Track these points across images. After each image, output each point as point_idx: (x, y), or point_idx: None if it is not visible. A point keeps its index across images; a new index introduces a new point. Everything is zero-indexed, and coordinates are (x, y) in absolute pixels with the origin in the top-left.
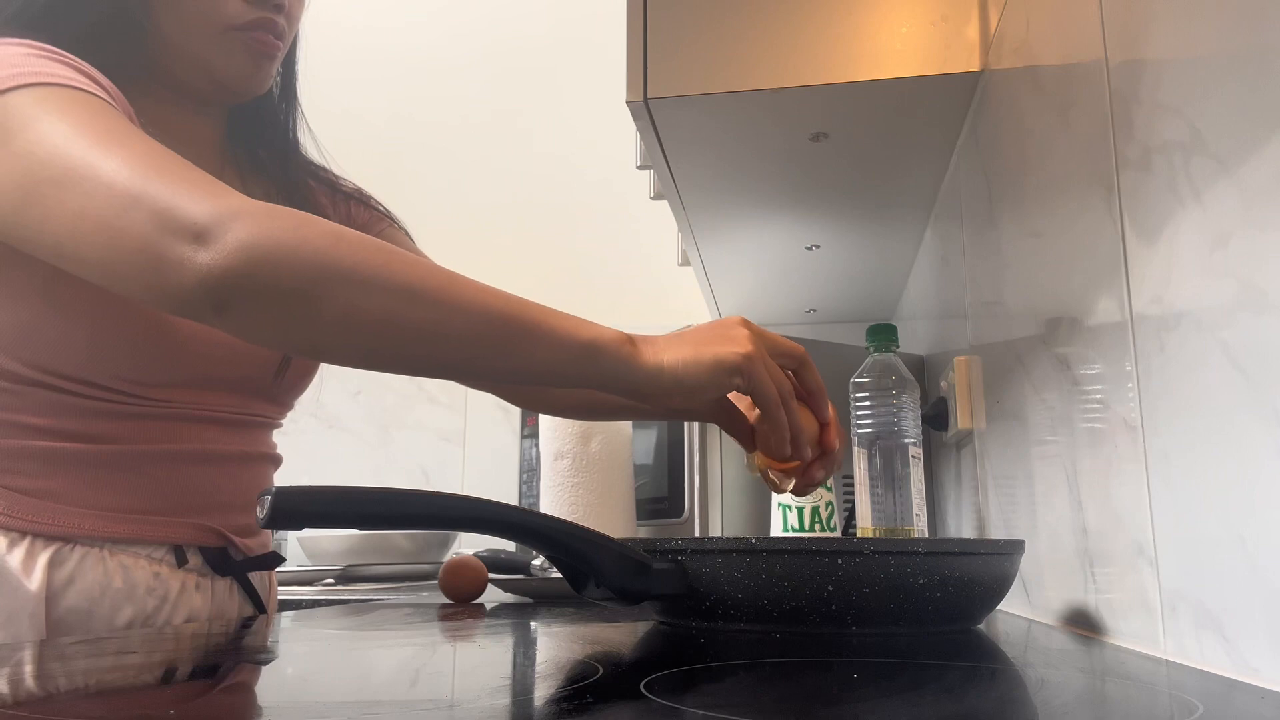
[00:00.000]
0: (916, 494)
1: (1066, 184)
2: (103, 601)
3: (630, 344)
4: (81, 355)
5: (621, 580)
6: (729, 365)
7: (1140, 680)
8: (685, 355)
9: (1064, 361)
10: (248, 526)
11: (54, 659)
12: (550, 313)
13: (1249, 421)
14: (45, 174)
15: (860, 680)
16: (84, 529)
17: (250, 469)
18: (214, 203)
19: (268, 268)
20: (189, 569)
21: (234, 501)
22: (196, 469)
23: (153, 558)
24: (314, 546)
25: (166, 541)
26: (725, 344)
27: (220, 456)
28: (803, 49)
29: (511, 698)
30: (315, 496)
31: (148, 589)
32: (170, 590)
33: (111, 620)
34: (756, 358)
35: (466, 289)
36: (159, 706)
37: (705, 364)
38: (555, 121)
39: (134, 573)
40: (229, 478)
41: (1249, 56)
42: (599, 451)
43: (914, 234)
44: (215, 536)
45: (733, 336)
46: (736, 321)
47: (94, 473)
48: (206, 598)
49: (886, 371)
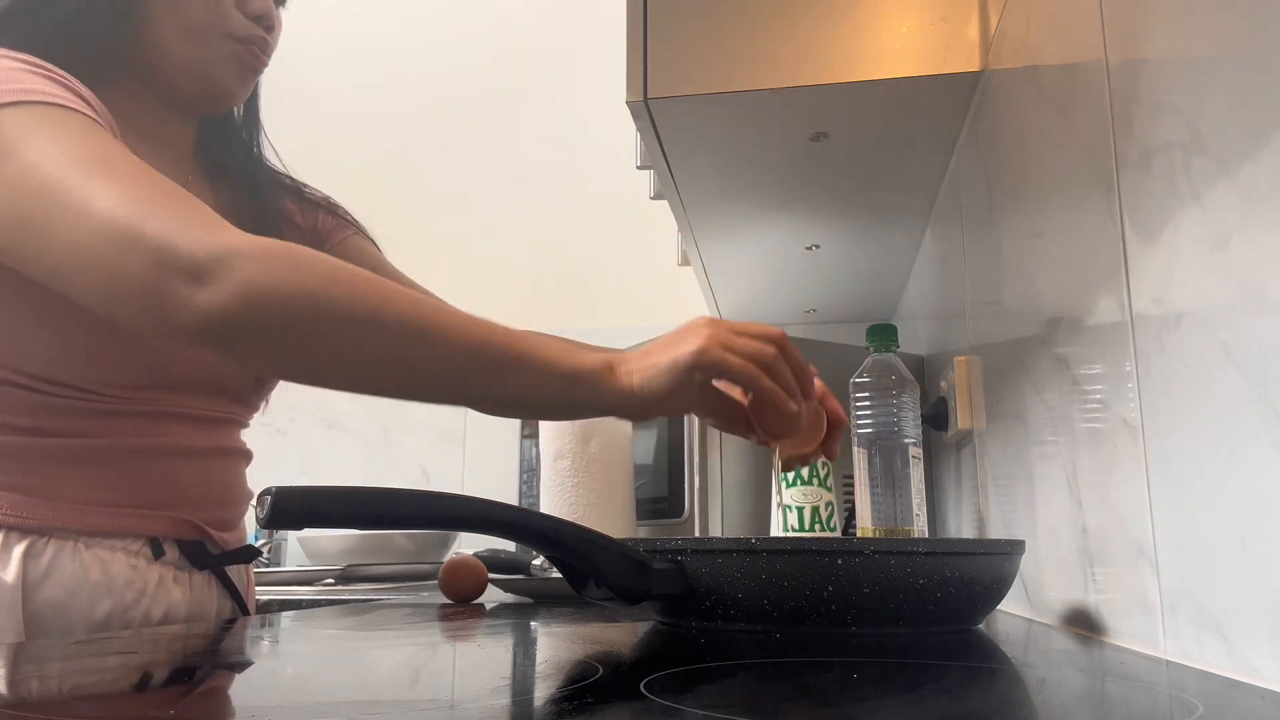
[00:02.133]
0: (916, 494)
1: (1066, 184)
2: (80, 594)
3: (608, 371)
4: (55, 358)
5: (621, 580)
6: (684, 364)
7: (1140, 680)
8: (646, 368)
9: (1064, 361)
10: (223, 520)
11: (49, 659)
12: (534, 343)
13: (1249, 421)
14: (40, 205)
15: (860, 680)
16: (60, 522)
17: (223, 464)
18: (212, 241)
19: (267, 310)
20: (166, 562)
21: (208, 496)
22: (172, 463)
23: (129, 550)
24: (314, 546)
25: (143, 534)
26: (680, 345)
27: (194, 451)
28: (803, 49)
29: (511, 698)
30: (315, 496)
31: (126, 581)
32: (148, 583)
33: (90, 613)
34: (711, 347)
35: (455, 322)
36: (159, 706)
37: (663, 370)
38: (555, 122)
39: (111, 565)
40: (203, 472)
41: (1249, 56)
42: (599, 451)
43: (914, 234)
44: (192, 529)
45: (687, 338)
46: (702, 322)
47: (70, 467)
48: (185, 591)
49: (886, 371)
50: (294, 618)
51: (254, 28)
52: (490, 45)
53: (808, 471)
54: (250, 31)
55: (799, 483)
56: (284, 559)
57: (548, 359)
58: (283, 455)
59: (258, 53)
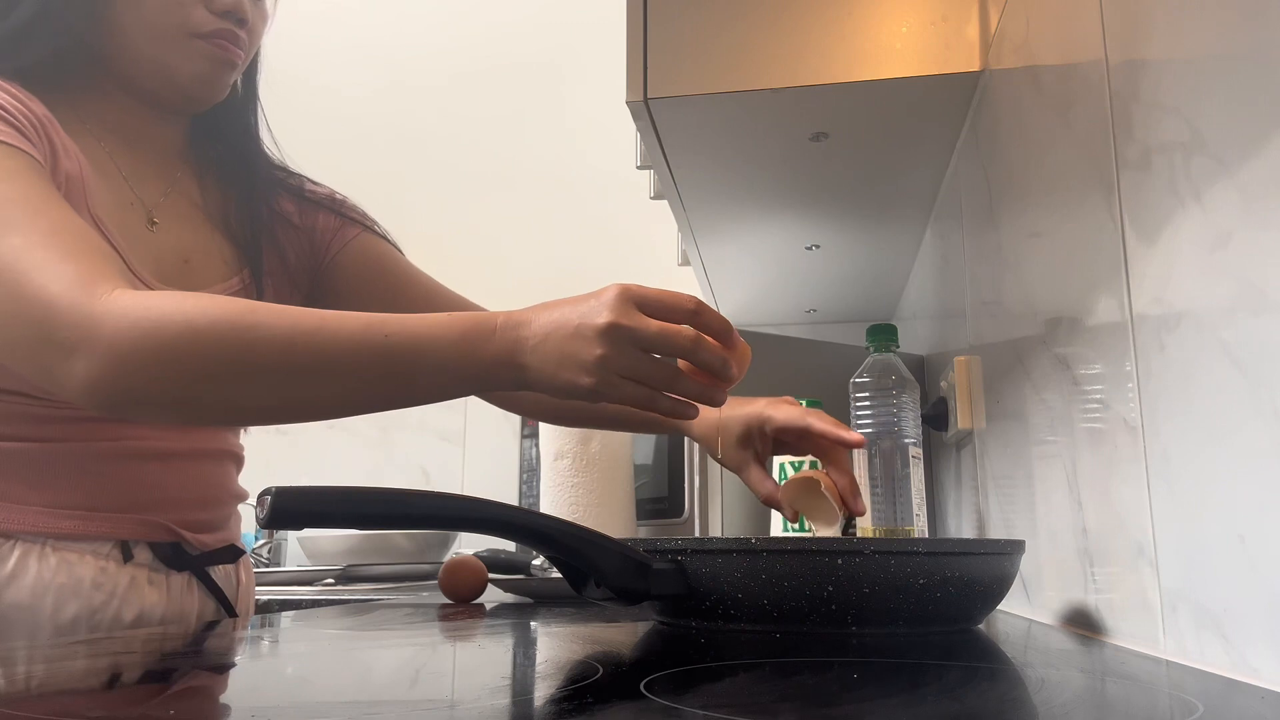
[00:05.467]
0: (916, 494)
1: (1066, 184)
2: (45, 597)
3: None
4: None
5: (621, 580)
6: (581, 390)
7: (1140, 680)
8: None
9: (1064, 361)
10: (202, 522)
11: (27, 660)
12: (424, 343)
13: (1249, 421)
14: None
15: (860, 680)
16: (25, 525)
17: (203, 465)
18: (82, 309)
19: (135, 379)
20: (137, 564)
21: (184, 497)
22: (143, 466)
23: (98, 553)
24: (314, 546)
25: (111, 537)
26: (575, 369)
27: (169, 454)
28: (803, 49)
29: (511, 698)
30: (315, 496)
31: (94, 584)
32: (118, 585)
33: (56, 616)
34: (602, 387)
35: (335, 348)
36: (158, 706)
37: (561, 386)
38: (555, 122)
39: (78, 568)
40: (178, 473)
41: (1249, 56)
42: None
43: (914, 234)
44: (164, 532)
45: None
46: (602, 322)
47: (37, 471)
48: (161, 593)
49: (886, 371)
50: (294, 618)
51: (220, 22)
52: (490, 46)
53: None
54: (216, 26)
55: None
56: (284, 559)
57: (439, 364)
58: (283, 455)
59: (229, 46)
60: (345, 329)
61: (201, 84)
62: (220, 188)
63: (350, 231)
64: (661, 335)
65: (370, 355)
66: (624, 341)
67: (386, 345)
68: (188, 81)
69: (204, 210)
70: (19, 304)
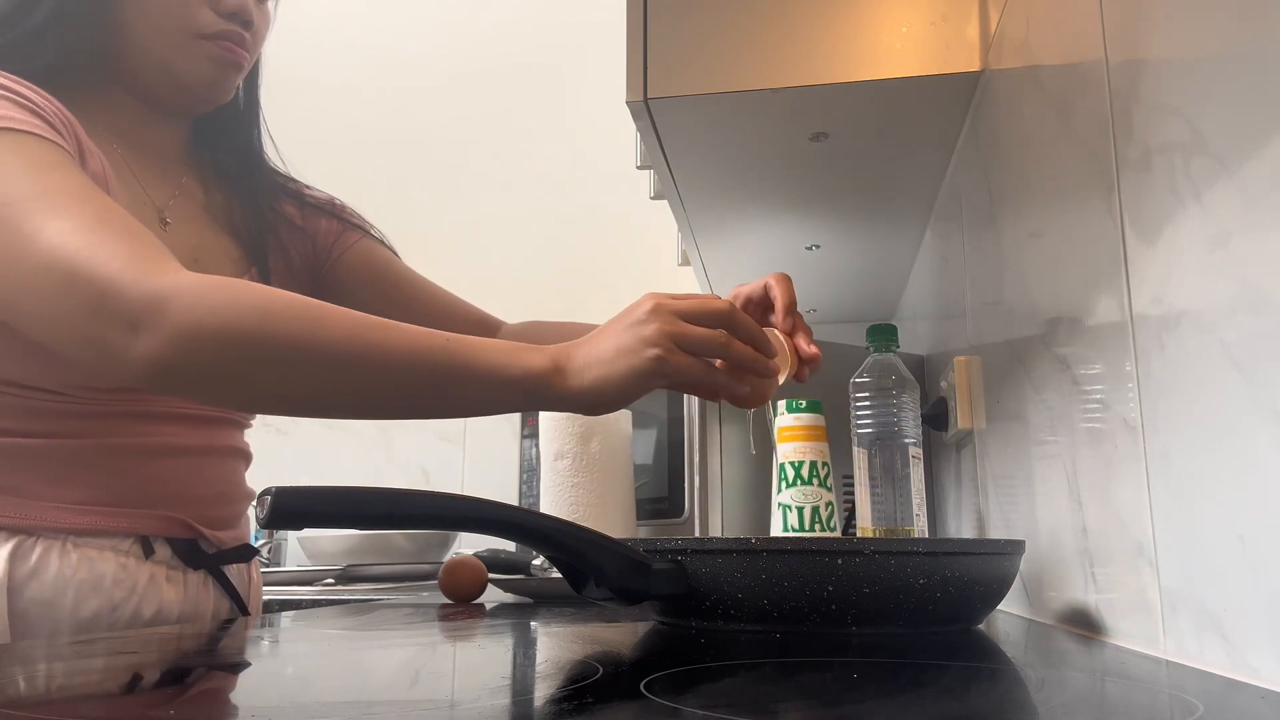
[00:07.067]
0: (916, 494)
1: (1066, 184)
2: (66, 593)
3: (557, 373)
4: (32, 368)
5: (621, 580)
6: (644, 373)
7: (1140, 680)
8: (603, 372)
9: (1064, 361)
10: (218, 519)
11: (45, 659)
12: (479, 351)
13: (1249, 421)
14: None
15: (860, 680)
16: (47, 522)
17: (217, 463)
18: (147, 285)
19: (201, 353)
20: (157, 560)
21: (202, 494)
22: (162, 462)
23: (119, 549)
24: (314, 546)
25: (132, 533)
26: (636, 350)
27: (186, 450)
28: (803, 49)
29: (511, 698)
30: (315, 496)
31: (114, 580)
32: (138, 582)
33: (76, 612)
34: (666, 355)
35: (396, 343)
36: (158, 706)
37: (621, 377)
38: (555, 122)
39: (99, 564)
40: (195, 471)
41: (1249, 56)
42: (599, 451)
43: (914, 234)
44: (183, 528)
45: (643, 336)
46: (647, 308)
47: (58, 467)
48: (179, 591)
49: (886, 371)
50: (294, 618)
51: (226, 24)
52: (490, 46)
53: (808, 471)
54: (222, 28)
55: (799, 482)
56: (284, 559)
57: (491, 368)
58: (283, 455)
59: (234, 48)
60: (406, 327)
61: (207, 85)
62: (223, 190)
63: (351, 237)
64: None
65: (427, 352)
66: (673, 321)
67: (445, 346)
68: (193, 82)
69: (209, 212)
70: (71, 282)
